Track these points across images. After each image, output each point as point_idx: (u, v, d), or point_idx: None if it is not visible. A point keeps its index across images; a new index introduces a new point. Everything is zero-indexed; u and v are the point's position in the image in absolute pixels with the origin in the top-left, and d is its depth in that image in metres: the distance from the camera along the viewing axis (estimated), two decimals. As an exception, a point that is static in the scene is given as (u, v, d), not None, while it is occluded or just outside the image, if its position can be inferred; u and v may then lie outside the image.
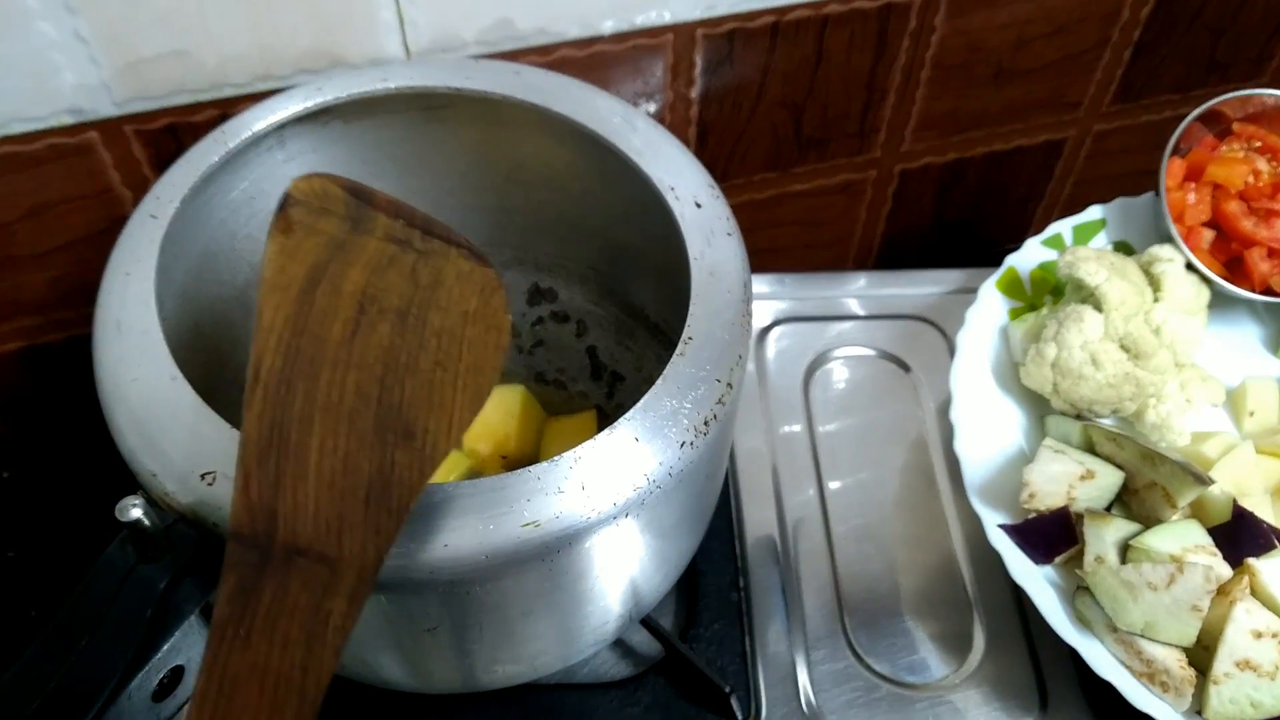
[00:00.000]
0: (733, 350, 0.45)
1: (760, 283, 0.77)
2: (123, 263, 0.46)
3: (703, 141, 0.72)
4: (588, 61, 0.64)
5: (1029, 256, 0.71)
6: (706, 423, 0.43)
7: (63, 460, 0.73)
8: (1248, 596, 0.54)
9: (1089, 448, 0.62)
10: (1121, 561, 0.56)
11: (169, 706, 0.40)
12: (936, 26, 0.70)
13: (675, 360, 0.44)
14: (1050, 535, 0.58)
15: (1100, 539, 0.56)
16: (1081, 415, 0.64)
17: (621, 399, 0.65)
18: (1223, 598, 0.54)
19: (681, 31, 0.64)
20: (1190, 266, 0.66)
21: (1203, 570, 0.53)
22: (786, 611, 0.61)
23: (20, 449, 0.73)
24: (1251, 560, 0.55)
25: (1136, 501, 0.59)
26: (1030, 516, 0.59)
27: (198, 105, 0.58)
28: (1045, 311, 0.67)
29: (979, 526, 0.60)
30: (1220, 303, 0.67)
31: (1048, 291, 0.70)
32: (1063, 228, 0.72)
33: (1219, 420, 0.67)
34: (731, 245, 0.49)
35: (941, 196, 0.86)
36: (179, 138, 0.59)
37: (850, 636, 0.61)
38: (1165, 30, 0.78)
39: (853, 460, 0.69)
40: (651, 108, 0.69)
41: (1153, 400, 0.63)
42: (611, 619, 0.50)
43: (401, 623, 0.44)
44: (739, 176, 0.76)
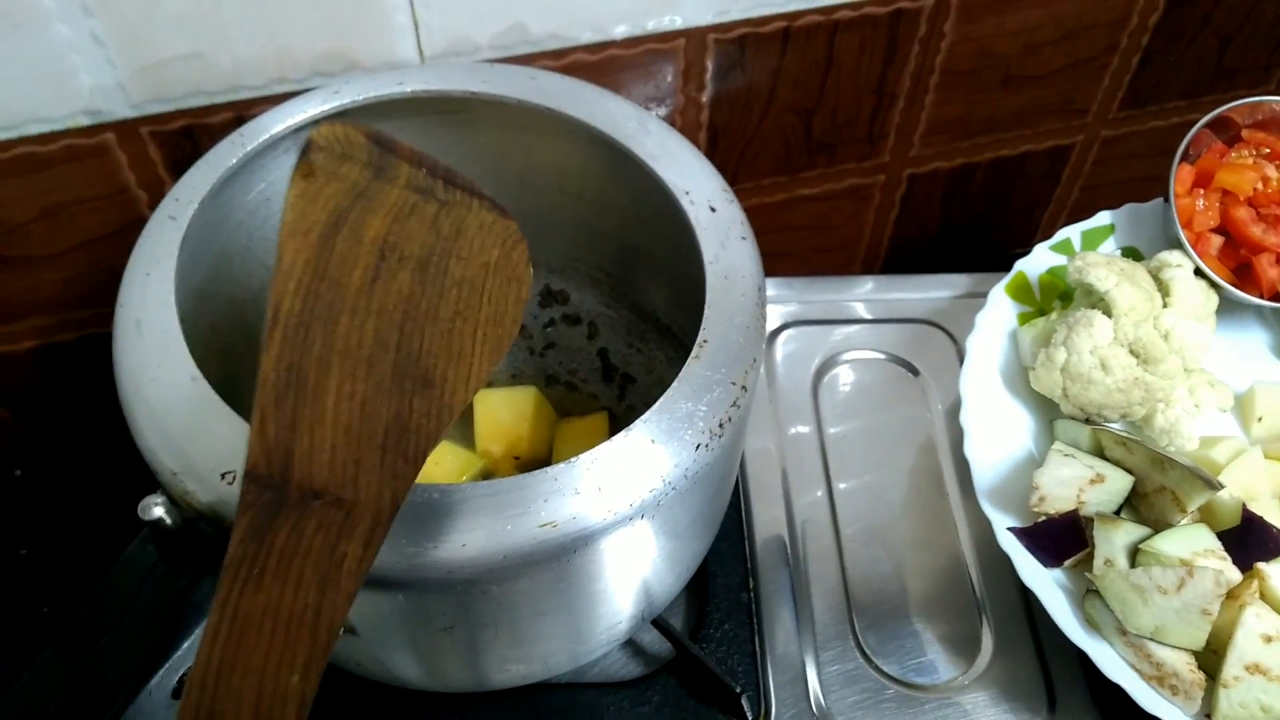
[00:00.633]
0: (747, 353, 0.45)
1: (769, 286, 0.77)
2: (142, 263, 0.46)
3: (713, 145, 0.73)
4: (600, 66, 0.64)
5: (1038, 261, 0.71)
6: (721, 425, 0.43)
7: (74, 458, 0.73)
8: (1257, 601, 0.54)
9: (1098, 452, 0.62)
10: (1131, 565, 0.56)
11: (188, 704, 0.40)
12: (946, 32, 0.71)
13: (690, 363, 0.44)
14: (1060, 539, 0.58)
15: (1110, 543, 0.57)
16: (1091, 420, 0.64)
17: (633, 401, 0.66)
18: (1232, 602, 0.54)
19: (693, 36, 0.65)
20: (1199, 272, 0.66)
21: (1212, 574, 0.53)
22: (796, 612, 0.62)
23: (32, 447, 0.73)
24: (1261, 565, 0.56)
25: (1146, 506, 0.60)
26: (1040, 520, 0.59)
27: (213, 107, 0.59)
28: (1054, 316, 0.67)
29: (988, 529, 0.60)
30: (1229, 308, 0.68)
31: (1057, 296, 0.70)
32: (1071, 233, 0.72)
33: (1227, 425, 0.68)
34: (746, 249, 0.49)
35: (949, 201, 0.86)
36: (194, 139, 0.59)
37: (859, 638, 0.61)
38: (1174, 37, 0.78)
39: (861, 463, 0.69)
40: (662, 111, 0.69)
41: (1162, 405, 0.63)
42: (624, 619, 0.51)
43: (418, 622, 0.44)
44: (748, 180, 0.77)
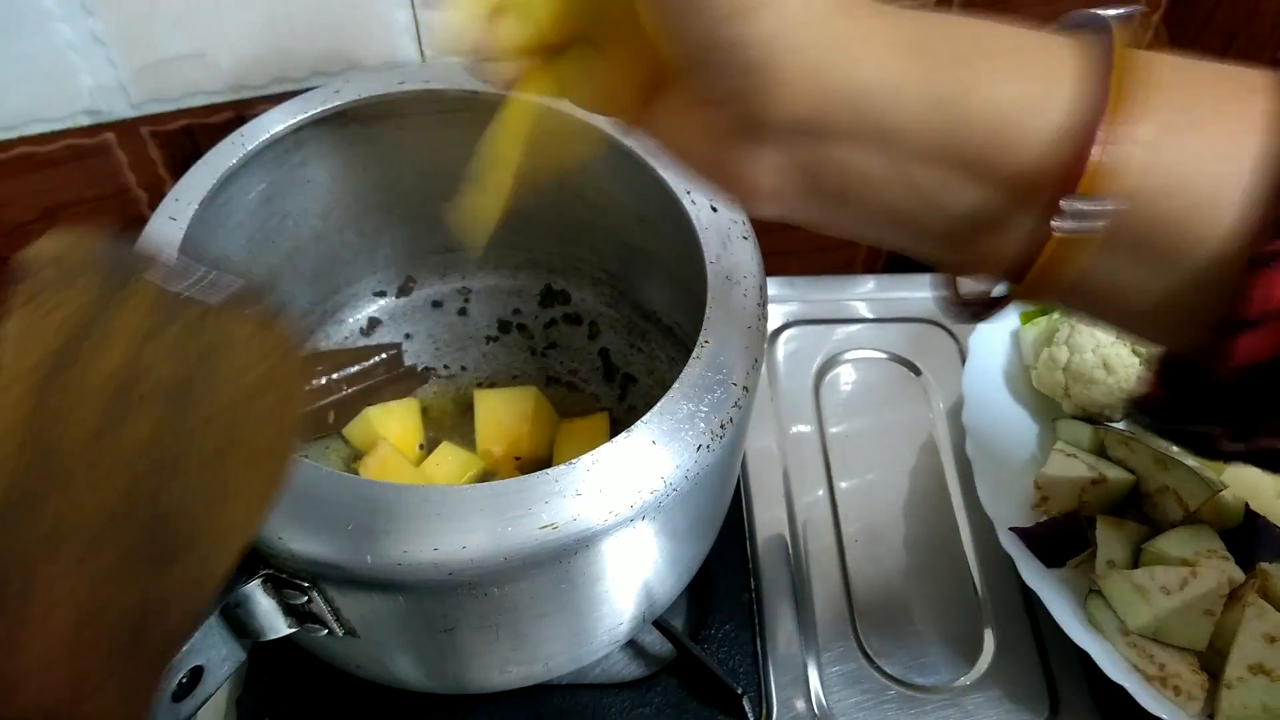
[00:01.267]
0: (748, 354, 0.45)
1: (771, 285, 0.76)
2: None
3: (714, 144, 0.73)
4: (601, 64, 0.64)
5: (1040, 260, 0.71)
6: (723, 426, 0.43)
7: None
8: (1260, 601, 0.54)
9: (1101, 451, 0.62)
10: (1133, 565, 0.56)
11: (188, 706, 0.40)
12: (948, 30, 0.70)
13: (691, 364, 0.44)
14: (1062, 539, 0.58)
15: (1112, 543, 0.57)
16: (1093, 419, 0.64)
17: (634, 401, 0.66)
18: (1235, 602, 0.54)
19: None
20: (1202, 271, 0.66)
21: (1215, 574, 0.53)
22: (797, 613, 0.62)
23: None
24: (1264, 564, 0.56)
25: (1148, 505, 0.60)
26: (1042, 520, 0.59)
27: (214, 107, 0.58)
28: (1057, 315, 0.67)
29: (989, 529, 0.60)
30: (1231, 307, 0.67)
31: (1059, 295, 0.70)
32: (1074, 231, 0.72)
33: (1230, 424, 0.67)
34: (747, 249, 0.49)
35: (951, 199, 0.85)
36: (195, 139, 0.59)
37: (861, 638, 0.61)
38: (1176, 35, 0.78)
39: (863, 462, 0.69)
40: (664, 110, 0.69)
41: (1164, 404, 0.63)
42: (625, 620, 0.51)
43: (418, 624, 0.44)
44: (750, 179, 0.76)
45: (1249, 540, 0.57)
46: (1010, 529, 0.59)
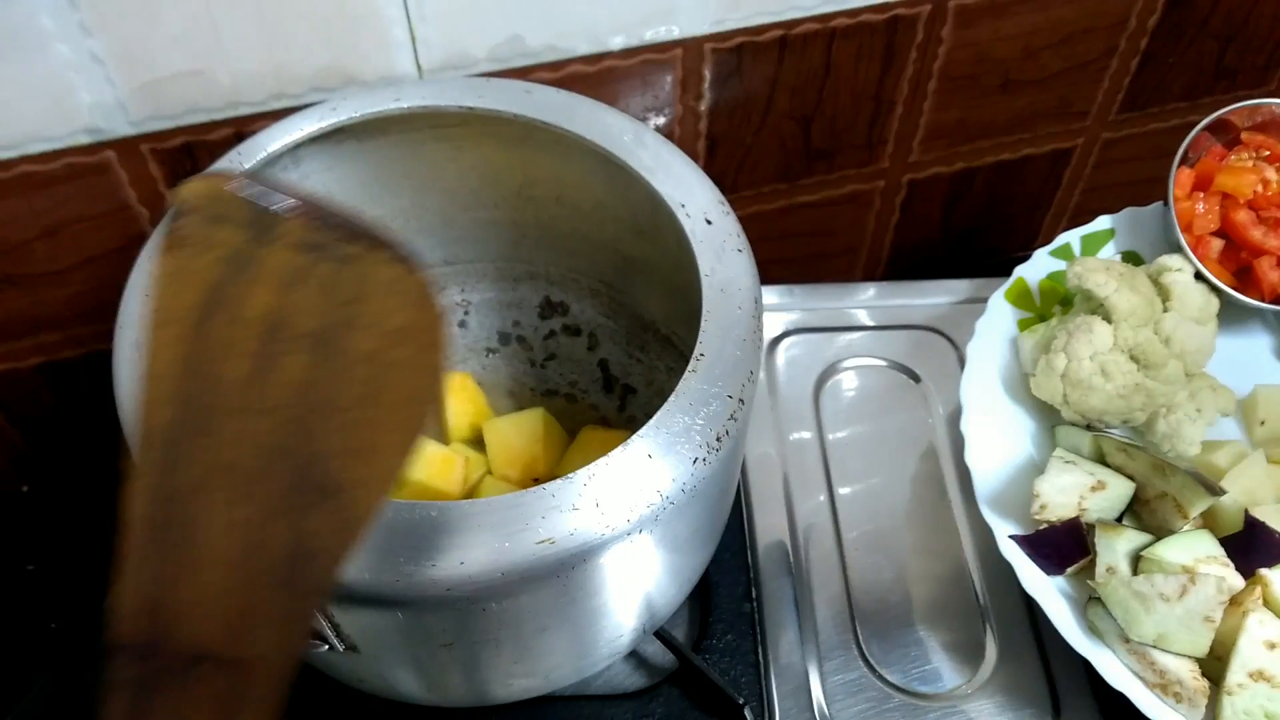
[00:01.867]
0: (744, 366, 0.45)
1: (770, 294, 0.77)
2: (142, 283, 0.46)
3: (712, 154, 0.73)
4: (598, 77, 0.64)
5: (1038, 267, 0.71)
6: (719, 439, 0.43)
7: (81, 474, 0.73)
8: (1260, 607, 0.54)
9: (1100, 458, 0.62)
10: (1133, 572, 0.56)
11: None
12: (944, 38, 0.71)
13: (687, 377, 0.44)
14: (1061, 546, 0.58)
15: (1112, 550, 0.57)
16: (1092, 426, 0.64)
17: (633, 411, 0.66)
18: (1235, 608, 0.54)
19: (690, 46, 0.65)
20: (1199, 276, 0.66)
21: (1215, 581, 0.53)
22: (799, 622, 0.62)
23: (39, 463, 0.74)
24: (1264, 570, 0.56)
25: (1148, 512, 0.60)
26: (1041, 527, 0.59)
27: (213, 124, 0.59)
28: (1054, 322, 0.67)
29: (990, 536, 0.60)
30: (1230, 312, 0.68)
31: (1057, 302, 0.70)
32: (1071, 238, 0.72)
33: (1230, 430, 0.67)
34: (742, 261, 0.49)
35: (949, 206, 0.86)
36: (194, 156, 0.60)
37: (863, 647, 0.61)
38: (1172, 39, 0.78)
39: (863, 469, 0.69)
40: (661, 121, 0.69)
41: (1163, 410, 0.63)
42: (626, 632, 0.51)
43: (417, 638, 0.44)
44: (748, 188, 0.77)
45: (1249, 546, 0.57)
46: (1010, 536, 0.59)
